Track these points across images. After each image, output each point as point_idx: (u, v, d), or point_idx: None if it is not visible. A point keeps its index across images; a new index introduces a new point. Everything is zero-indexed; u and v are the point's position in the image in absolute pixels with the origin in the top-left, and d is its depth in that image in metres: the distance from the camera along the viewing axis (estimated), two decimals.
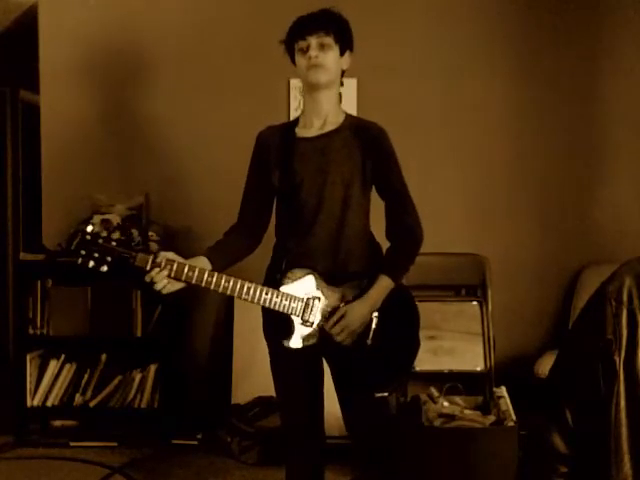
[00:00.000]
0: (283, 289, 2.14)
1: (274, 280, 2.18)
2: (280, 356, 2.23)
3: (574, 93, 3.86)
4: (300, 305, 2.14)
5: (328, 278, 2.17)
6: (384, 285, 2.17)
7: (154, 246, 3.73)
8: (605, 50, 3.84)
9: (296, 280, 2.15)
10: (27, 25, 4.16)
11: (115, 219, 3.75)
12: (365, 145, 2.22)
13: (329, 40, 2.19)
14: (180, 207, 3.96)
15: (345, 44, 2.24)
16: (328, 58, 2.19)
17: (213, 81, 3.96)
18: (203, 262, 2.15)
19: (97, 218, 3.75)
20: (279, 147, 2.25)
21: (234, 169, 3.77)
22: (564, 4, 3.84)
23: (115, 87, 3.99)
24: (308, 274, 2.15)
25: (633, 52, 3.83)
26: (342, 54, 2.24)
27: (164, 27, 3.96)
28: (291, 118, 3.82)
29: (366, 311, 2.15)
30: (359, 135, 2.23)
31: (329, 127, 2.24)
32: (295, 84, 3.82)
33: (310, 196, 2.19)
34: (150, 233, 3.76)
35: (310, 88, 2.24)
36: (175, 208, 3.96)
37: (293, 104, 3.86)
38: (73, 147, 3.99)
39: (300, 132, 2.27)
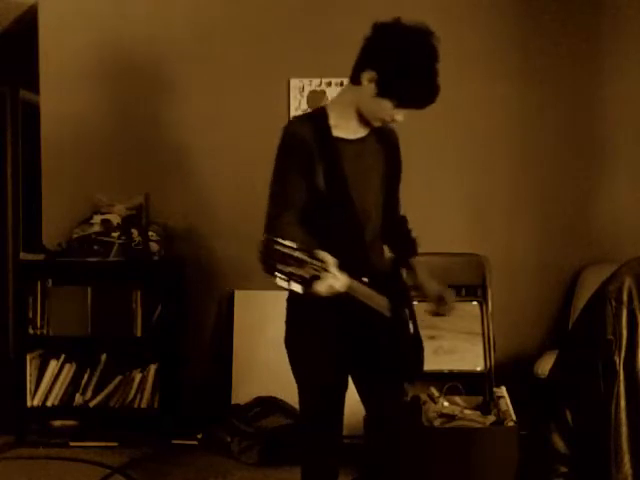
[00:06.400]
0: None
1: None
2: (322, 343, 2.17)
3: (574, 94, 3.86)
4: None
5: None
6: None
7: (154, 246, 3.73)
8: (605, 50, 3.84)
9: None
10: (27, 25, 4.16)
11: (115, 219, 3.76)
12: (387, 151, 2.27)
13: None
14: (180, 207, 3.96)
15: (356, 71, 2.14)
16: None
17: (213, 81, 3.96)
18: None
19: (97, 218, 3.76)
20: (320, 146, 2.12)
21: (234, 169, 3.80)
22: (564, 4, 3.85)
23: (115, 87, 3.99)
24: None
25: (633, 52, 3.83)
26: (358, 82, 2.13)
27: (163, 27, 3.96)
28: (291, 118, 3.85)
29: None
30: (381, 141, 2.27)
31: (361, 132, 2.22)
32: (295, 84, 3.81)
33: (359, 202, 2.16)
34: (150, 233, 3.76)
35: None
36: (175, 208, 3.96)
37: (293, 104, 3.85)
38: (73, 147, 4.00)
39: (337, 132, 2.16)
